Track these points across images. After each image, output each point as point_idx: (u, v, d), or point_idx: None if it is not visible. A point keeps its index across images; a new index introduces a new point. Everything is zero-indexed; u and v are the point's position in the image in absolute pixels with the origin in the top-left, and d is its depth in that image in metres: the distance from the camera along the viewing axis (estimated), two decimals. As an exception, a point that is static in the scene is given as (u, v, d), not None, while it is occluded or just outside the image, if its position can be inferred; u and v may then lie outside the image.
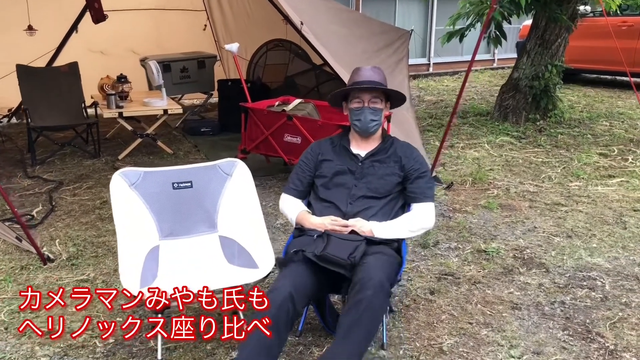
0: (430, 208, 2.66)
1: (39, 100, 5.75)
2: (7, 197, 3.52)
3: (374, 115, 2.69)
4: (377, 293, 2.23)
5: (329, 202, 2.67)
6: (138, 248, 2.64)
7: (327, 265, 2.35)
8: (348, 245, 2.41)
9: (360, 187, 2.67)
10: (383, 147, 2.76)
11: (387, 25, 6.43)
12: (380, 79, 2.71)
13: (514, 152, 6.05)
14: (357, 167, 2.71)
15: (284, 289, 2.26)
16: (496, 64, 13.01)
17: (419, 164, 2.72)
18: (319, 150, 2.82)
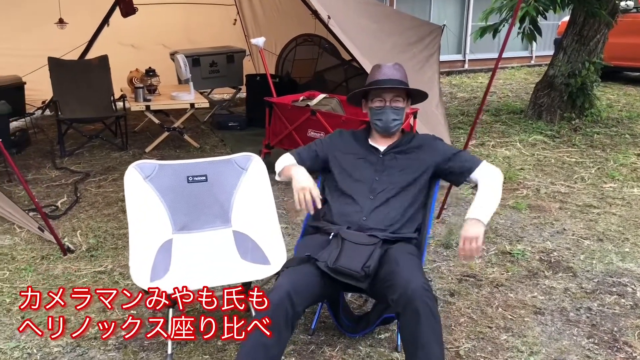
0: (487, 165, 2.53)
1: (69, 93, 5.83)
2: (28, 187, 3.55)
3: (396, 114, 2.61)
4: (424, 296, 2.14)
5: (348, 195, 2.58)
6: (150, 241, 2.62)
7: (340, 277, 2.28)
8: (362, 252, 2.32)
9: (381, 181, 2.58)
10: (405, 140, 2.68)
11: (418, 20, 6.30)
12: (401, 76, 2.62)
13: (547, 152, 5.86)
14: (377, 160, 2.63)
15: (282, 289, 2.20)
16: (534, 61, 12.67)
17: (444, 146, 2.66)
18: (339, 139, 2.74)
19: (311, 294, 2.28)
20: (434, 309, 2.16)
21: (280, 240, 2.64)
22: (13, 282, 3.21)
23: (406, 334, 2.18)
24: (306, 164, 2.63)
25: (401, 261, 2.31)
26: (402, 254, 2.36)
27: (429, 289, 2.19)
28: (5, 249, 3.60)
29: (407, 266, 2.28)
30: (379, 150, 2.65)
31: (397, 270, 2.26)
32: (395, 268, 2.27)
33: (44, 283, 3.21)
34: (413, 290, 2.15)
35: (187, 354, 2.61)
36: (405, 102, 2.65)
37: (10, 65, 6.24)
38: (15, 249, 3.60)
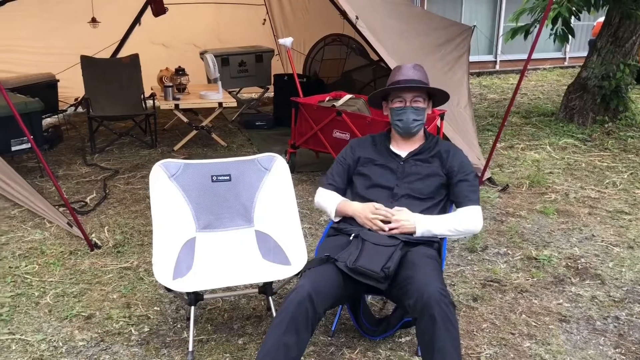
0: (476, 211, 2.53)
1: (100, 91, 5.94)
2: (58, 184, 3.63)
3: (417, 114, 2.59)
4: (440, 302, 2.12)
5: (369, 200, 2.58)
6: (174, 239, 2.65)
7: (360, 278, 2.27)
8: (382, 253, 2.32)
9: (402, 187, 2.57)
10: (427, 147, 2.65)
11: (448, 21, 6.24)
12: (421, 77, 2.60)
13: (577, 155, 5.74)
14: (398, 166, 2.61)
15: (303, 290, 2.20)
16: (567, 63, 12.42)
17: (462, 165, 2.59)
18: (358, 148, 2.74)
19: (332, 295, 2.28)
20: (451, 314, 2.14)
21: (301, 241, 2.65)
22: (42, 276, 3.29)
23: (423, 339, 2.16)
24: (343, 188, 2.71)
25: (419, 265, 2.29)
26: (420, 258, 2.35)
27: (446, 294, 2.17)
28: (35, 243, 3.69)
29: (424, 271, 2.26)
30: (400, 157, 2.64)
31: (413, 275, 2.24)
32: (412, 273, 2.26)
33: (71, 278, 3.27)
34: (429, 296, 2.13)
35: (207, 351, 2.63)
36: (426, 103, 2.62)
37: (44, 64, 6.39)
38: (45, 244, 3.69)
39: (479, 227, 2.55)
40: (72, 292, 3.12)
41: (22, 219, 4.05)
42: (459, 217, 2.53)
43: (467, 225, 2.52)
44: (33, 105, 4.79)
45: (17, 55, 6.40)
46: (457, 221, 2.52)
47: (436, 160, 2.62)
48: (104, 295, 3.10)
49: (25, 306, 2.99)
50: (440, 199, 2.61)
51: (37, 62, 6.40)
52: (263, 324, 2.84)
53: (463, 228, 2.52)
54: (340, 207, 2.63)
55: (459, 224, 2.51)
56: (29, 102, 4.76)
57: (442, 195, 2.61)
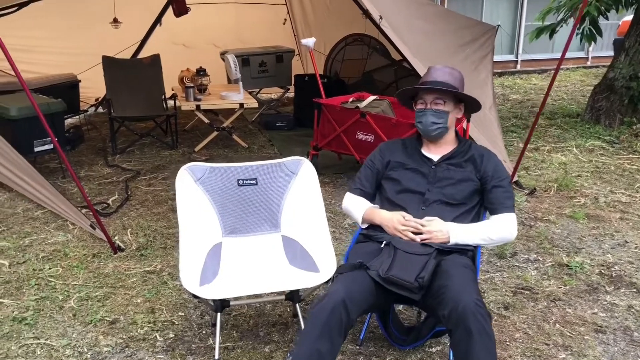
0: (511, 218, 2.44)
1: (121, 91, 5.93)
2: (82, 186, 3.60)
3: (437, 117, 2.49)
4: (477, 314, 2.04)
5: (400, 206, 2.51)
6: (200, 245, 2.60)
7: (392, 287, 2.20)
8: (416, 262, 2.24)
9: (434, 192, 2.49)
10: (460, 151, 2.57)
11: (472, 20, 6.14)
12: (452, 80, 2.50)
13: (605, 158, 5.61)
14: (430, 171, 2.53)
15: (337, 295, 2.14)
16: (590, 62, 12.22)
17: (496, 170, 2.50)
18: (388, 151, 2.66)
19: (365, 301, 2.22)
20: (487, 326, 2.06)
21: (329, 247, 2.58)
22: (66, 279, 3.26)
23: (458, 351, 2.09)
24: (372, 193, 2.63)
25: (454, 275, 2.22)
26: (455, 267, 2.27)
27: (482, 305, 2.09)
28: (58, 245, 3.67)
29: (459, 280, 2.18)
30: (432, 161, 2.55)
31: (448, 284, 2.17)
32: (447, 282, 2.18)
33: (95, 281, 3.24)
34: (464, 307, 2.06)
35: (234, 359, 2.58)
36: (450, 106, 2.51)
37: (66, 64, 6.40)
38: (68, 246, 3.66)
39: (514, 235, 2.47)
40: (96, 296, 3.09)
41: (45, 221, 4.04)
42: (494, 225, 2.45)
43: (502, 234, 2.44)
44: (56, 106, 4.79)
45: (38, 56, 6.41)
46: (492, 229, 2.43)
47: (469, 165, 2.53)
48: (128, 299, 3.06)
49: (50, 310, 2.96)
50: (473, 205, 2.52)
51: (58, 62, 6.41)
52: (289, 331, 2.78)
53: (497, 237, 2.44)
54: (368, 214, 2.56)
55: (494, 233, 2.43)
56: (52, 103, 4.76)
57: (475, 202, 2.52)
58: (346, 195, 2.68)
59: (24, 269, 3.38)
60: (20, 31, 5.82)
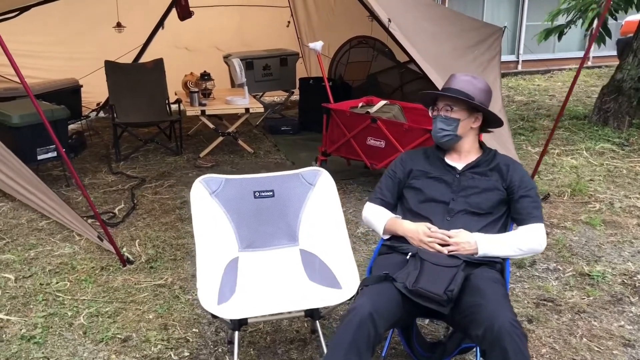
0: (540, 229, 2.35)
1: (124, 96, 5.83)
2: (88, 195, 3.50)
3: (445, 124, 2.41)
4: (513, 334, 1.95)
5: (423, 216, 2.42)
6: (217, 260, 2.51)
7: (420, 300, 2.11)
8: (444, 274, 2.15)
9: (458, 202, 2.40)
10: (484, 160, 2.48)
11: (478, 22, 6.07)
12: (470, 88, 2.39)
13: (617, 161, 5.53)
14: (454, 180, 2.44)
15: (364, 309, 2.05)
16: (591, 62, 12.16)
17: (523, 180, 2.41)
18: (409, 160, 2.57)
19: (392, 315, 2.12)
20: (524, 347, 1.97)
21: (351, 261, 2.49)
22: (74, 294, 3.16)
23: None
24: (393, 203, 2.54)
25: (486, 292, 2.12)
26: (486, 282, 2.18)
27: (518, 325, 2.00)
28: (65, 258, 3.57)
29: (493, 298, 2.09)
30: (456, 169, 2.47)
31: (482, 303, 2.07)
32: (480, 300, 2.09)
33: (104, 296, 3.14)
34: (500, 327, 1.96)
35: (252, 379, 2.49)
36: (461, 114, 2.40)
37: (67, 68, 6.29)
38: (75, 259, 3.56)
39: (543, 246, 2.38)
40: (106, 312, 2.99)
41: (51, 232, 3.94)
42: (522, 235, 2.36)
43: (531, 245, 2.35)
44: (59, 113, 4.69)
45: (40, 61, 6.29)
46: (521, 240, 2.34)
47: (495, 174, 2.44)
48: (139, 315, 2.96)
49: (59, 327, 2.86)
50: (500, 214, 2.42)
51: (59, 67, 6.30)
52: (308, 348, 2.69)
53: (527, 248, 2.35)
54: (390, 225, 2.47)
55: (523, 244, 2.34)
56: (55, 110, 4.65)
57: (502, 212, 2.43)
58: (366, 205, 2.59)
59: (31, 284, 3.27)
60: (22, 36, 5.70)
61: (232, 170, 5.31)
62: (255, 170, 5.28)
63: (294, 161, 5.53)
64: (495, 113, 2.47)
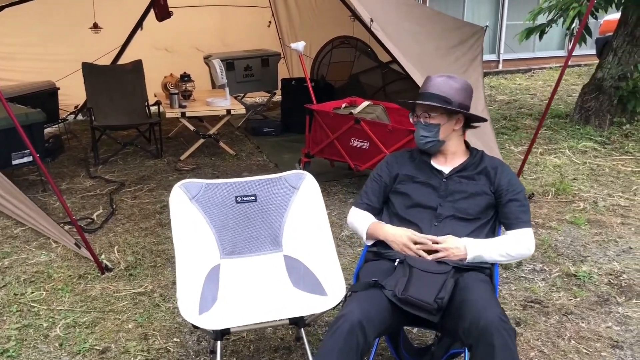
0: (528, 234, 2.31)
1: (103, 99, 5.71)
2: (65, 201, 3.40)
3: (426, 130, 2.36)
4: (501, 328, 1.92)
5: (410, 222, 2.36)
6: (198, 268, 2.43)
7: (410, 309, 2.06)
8: (433, 281, 2.10)
9: (446, 207, 2.34)
10: (472, 162, 2.42)
11: (460, 21, 6.05)
12: (447, 90, 2.32)
13: (599, 160, 5.55)
14: (441, 184, 2.38)
15: (353, 316, 1.99)
16: (571, 61, 12.24)
17: (511, 183, 2.36)
18: (395, 164, 2.51)
19: (382, 322, 2.07)
20: (512, 342, 1.93)
21: (337, 267, 2.42)
22: (50, 304, 3.06)
23: None
24: (378, 208, 2.49)
25: (474, 289, 2.09)
26: (475, 282, 2.14)
27: (506, 319, 1.96)
28: (41, 266, 3.46)
29: (481, 295, 2.06)
30: (443, 173, 2.41)
31: (470, 298, 2.04)
32: (468, 296, 2.06)
33: (82, 305, 3.04)
34: (487, 321, 1.93)
35: (236, 390, 2.42)
36: (441, 118, 2.34)
37: (44, 70, 6.15)
38: (52, 267, 3.45)
39: (531, 251, 2.34)
40: (83, 322, 2.89)
41: (26, 239, 3.82)
42: (511, 241, 2.31)
43: (519, 250, 2.31)
44: (35, 116, 4.55)
45: (15, 63, 6.15)
46: (509, 246, 2.30)
47: (482, 178, 2.39)
48: (118, 325, 2.87)
49: (34, 339, 2.76)
50: (488, 219, 2.38)
51: (36, 69, 6.15)
52: (293, 357, 2.63)
53: (515, 253, 2.31)
54: (371, 229, 2.41)
55: (512, 249, 2.29)
56: (30, 114, 4.52)
57: (490, 216, 2.39)
58: (351, 210, 2.54)
59: (4, 294, 3.16)
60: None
61: (213, 172, 5.22)
62: (237, 173, 5.19)
63: (277, 163, 5.46)
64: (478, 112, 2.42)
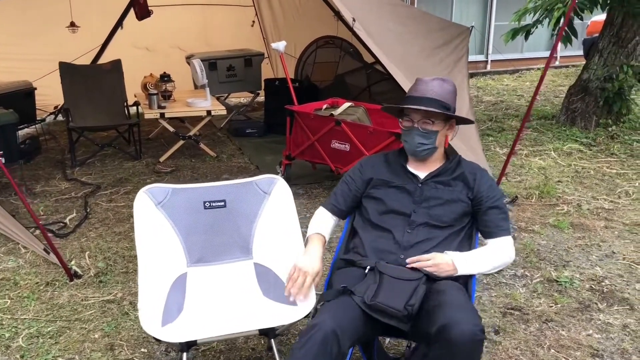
0: (508, 242, 2.24)
1: (80, 99, 5.59)
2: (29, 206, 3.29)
3: (424, 138, 2.24)
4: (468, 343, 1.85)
5: (383, 228, 2.27)
6: (163, 277, 2.33)
7: (379, 316, 1.98)
8: (404, 287, 2.02)
9: (420, 213, 2.25)
10: (448, 167, 2.33)
11: (445, 22, 5.97)
12: (443, 94, 2.23)
13: (584, 162, 5.49)
14: (416, 189, 2.29)
15: (326, 326, 1.91)
16: (559, 62, 12.24)
17: (491, 190, 2.28)
18: (370, 168, 2.42)
19: (355, 331, 1.99)
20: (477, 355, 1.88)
21: (307, 276, 2.33)
22: (14, 313, 2.95)
23: None
24: (345, 210, 2.41)
25: (448, 292, 2.02)
26: (450, 287, 2.06)
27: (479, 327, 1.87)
28: (7, 273, 3.34)
29: (454, 299, 1.98)
30: (418, 178, 2.31)
31: (443, 300, 1.97)
32: (441, 298, 1.98)
33: (48, 314, 2.94)
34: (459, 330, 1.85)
35: (203, 403, 2.33)
36: (440, 125, 2.25)
37: (20, 70, 6.02)
38: (19, 273, 3.34)
39: (512, 258, 2.27)
40: (48, 332, 2.78)
41: (-6, 244, 3.71)
42: (495, 251, 2.23)
43: (503, 259, 2.24)
44: (6, 117, 4.44)
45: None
46: (494, 256, 2.22)
47: (459, 184, 2.30)
48: (84, 335, 2.76)
49: (-5, 350, 2.65)
50: (461, 226, 2.28)
51: (12, 69, 6.02)
52: (264, 367, 2.54)
53: (499, 262, 2.23)
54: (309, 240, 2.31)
55: (496, 260, 2.22)
56: (2, 114, 4.41)
57: (464, 223, 2.29)
58: (317, 210, 2.45)
59: (-32, 302, 3.05)
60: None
61: (192, 175, 5.12)
62: (217, 175, 5.10)
63: (259, 165, 5.37)
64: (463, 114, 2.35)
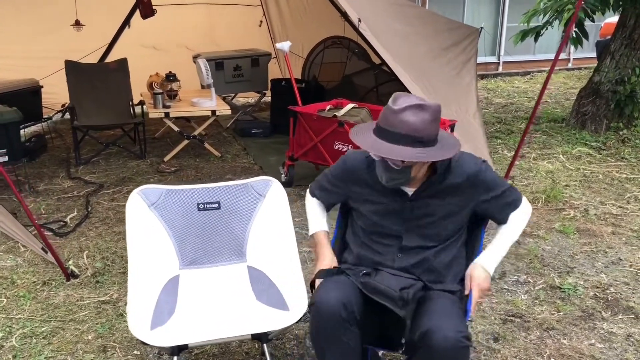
0: (521, 207, 2.17)
1: (86, 98, 5.59)
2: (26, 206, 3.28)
3: (396, 173, 1.94)
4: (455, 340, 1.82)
5: (373, 250, 2.12)
6: (154, 279, 2.30)
7: (374, 296, 1.94)
8: (401, 279, 1.99)
9: (411, 236, 2.07)
10: (436, 179, 2.04)
11: (454, 22, 5.91)
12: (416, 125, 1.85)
13: (593, 166, 5.40)
14: (404, 207, 2.06)
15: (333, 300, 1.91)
16: (572, 64, 12.09)
17: (489, 188, 2.09)
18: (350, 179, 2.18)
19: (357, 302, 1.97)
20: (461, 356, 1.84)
21: (300, 280, 2.30)
22: (9, 312, 2.93)
23: None
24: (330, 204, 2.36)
25: (435, 299, 1.99)
26: (440, 297, 2.02)
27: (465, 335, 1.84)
28: (5, 272, 3.34)
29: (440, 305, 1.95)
30: (406, 194, 2.06)
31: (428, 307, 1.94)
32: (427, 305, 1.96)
33: (43, 314, 2.92)
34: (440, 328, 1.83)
35: (193, 408, 2.29)
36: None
37: (27, 69, 6.03)
38: (17, 272, 3.33)
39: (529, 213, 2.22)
40: (41, 332, 2.76)
41: (-6, 242, 3.70)
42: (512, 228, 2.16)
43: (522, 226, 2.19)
44: (10, 115, 4.44)
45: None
46: (513, 232, 2.16)
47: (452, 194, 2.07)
48: (77, 335, 2.74)
49: (-12, 350, 2.64)
50: (458, 236, 2.16)
51: (20, 68, 6.03)
52: (257, 372, 2.50)
53: (520, 230, 2.19)
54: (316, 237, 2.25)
55: (516, 233, 2.17)
56: (5, 112, 4.41)
57: (463, 234, 2.18)
58: (308, 196, 2.38)
59: (-36, 301, 3.04)
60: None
61: (196, 175, 5.10)
62: (221, 175, 5.07)
63: (262, 166, 5.34)
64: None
